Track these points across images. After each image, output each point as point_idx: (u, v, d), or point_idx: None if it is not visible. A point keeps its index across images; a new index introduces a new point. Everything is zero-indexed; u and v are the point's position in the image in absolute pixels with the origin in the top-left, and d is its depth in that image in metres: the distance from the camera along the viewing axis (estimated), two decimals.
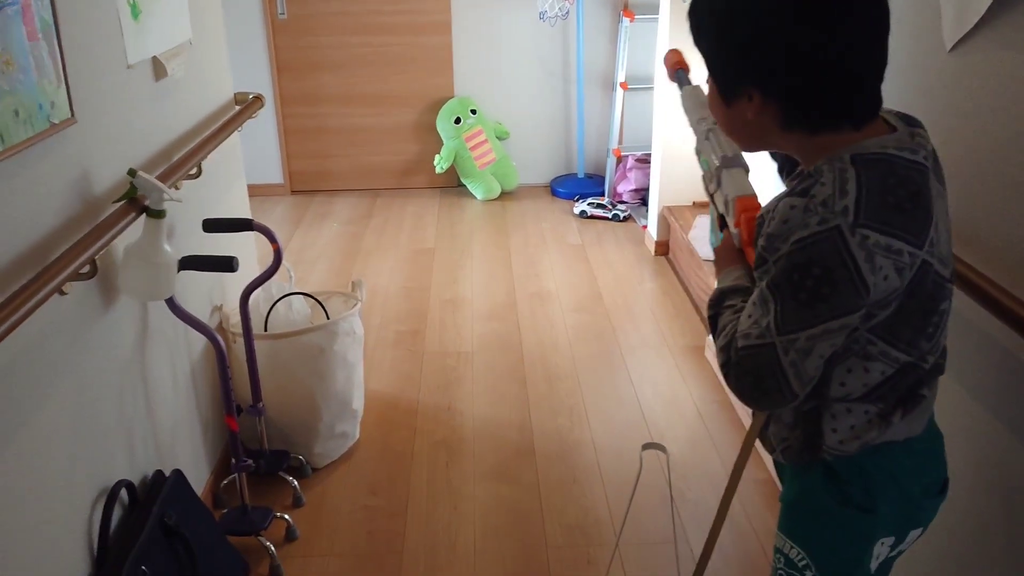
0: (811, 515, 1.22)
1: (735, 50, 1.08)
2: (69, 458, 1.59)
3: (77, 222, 1.61)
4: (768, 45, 1.04)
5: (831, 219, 0.98)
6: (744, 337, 1.06)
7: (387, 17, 4.84)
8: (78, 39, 1.62)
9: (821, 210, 0.98)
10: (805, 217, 0.99)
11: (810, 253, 0.99)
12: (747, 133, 1.15)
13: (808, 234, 0.99)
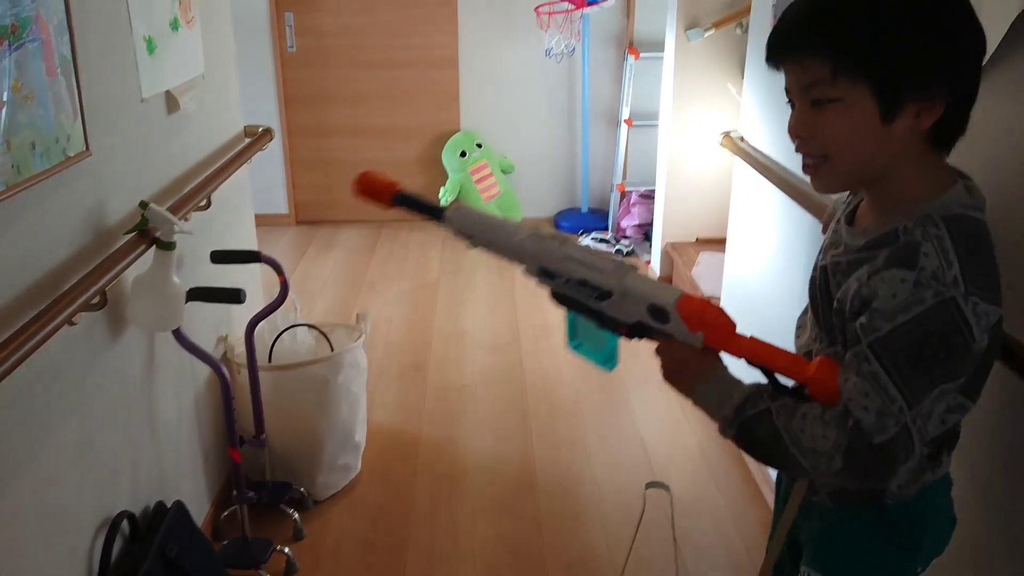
0: (856, 554, 1.21)
1: (934, 45, 1.00)
2: (75, 487, 1.59)
3: (89, 253, 1.63)
4: (964, 37, 1.02)
5: (945, 292, 0.98)
6: (880, 432, 1.00)
7: (395, 52, 4.91)
8: (95, 74, 1.65)
9: (934, 284, 0.98)
10: (917, 292, 0.98)
11: (927, 327, 0.98)
12: (875, 157, 1.06)
13: (925, 309, 0.98)
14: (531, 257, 1.15)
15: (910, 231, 1.02)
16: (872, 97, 1.01)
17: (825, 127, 1.04)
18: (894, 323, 0.98)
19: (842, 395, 1.02)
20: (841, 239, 1.17)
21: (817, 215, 2.01)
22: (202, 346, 2.06)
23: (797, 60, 1.04)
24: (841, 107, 1.02)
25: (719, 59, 3.79)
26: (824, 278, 1.16)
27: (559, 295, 1.15)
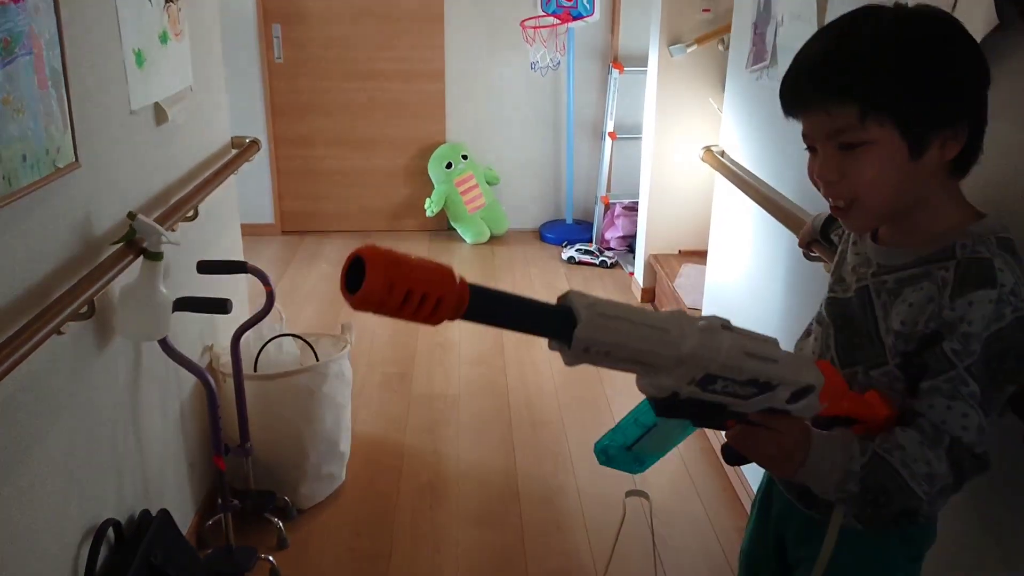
0: (878, 572, 1.24)
1: (953, 81, 1.04)
2: (62, 495, 1.61)
3: (77, 263, 1.65)
4: (976, 69, 1.07)
5: (1021, 307, 1.02)
6: (981, 444, 1.04)
7: (382, 64, 4.94)
8: (85, 86, 1.67)
9: (1013, 300, 1.02)
10: (999, 308, 1.02)
11: (1009, 342, 1.02)
12: (905, 193, 1.08)
13: (1005, 325, 1.02)
14: (699, 366, 0.84)
15: (970, 247, 1.06)
16: (900, 137, 1.03)
17: (856, 170, 1.06)
18: (980, 341, 1.02)
19: (928, 417, 1.04)
20: (869, 258, 1.19)
21: (794, 230, 2.05)
22: (188, 356, 2.07)
23: (823, 109, 1.05)
24: (872, 149, 1.04)
25: (701, 75, 3.85)
26: (865, 299, 1.17)
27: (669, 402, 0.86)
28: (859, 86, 1.03)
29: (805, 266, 2.07)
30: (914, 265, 1.11)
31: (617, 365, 0.81)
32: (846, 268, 1.25)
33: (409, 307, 0.67)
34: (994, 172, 1.37)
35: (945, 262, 1.07)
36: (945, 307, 1.04)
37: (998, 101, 1.35)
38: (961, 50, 1.06)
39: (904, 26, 1.04)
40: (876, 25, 1.04)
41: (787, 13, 2.20)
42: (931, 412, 1.04)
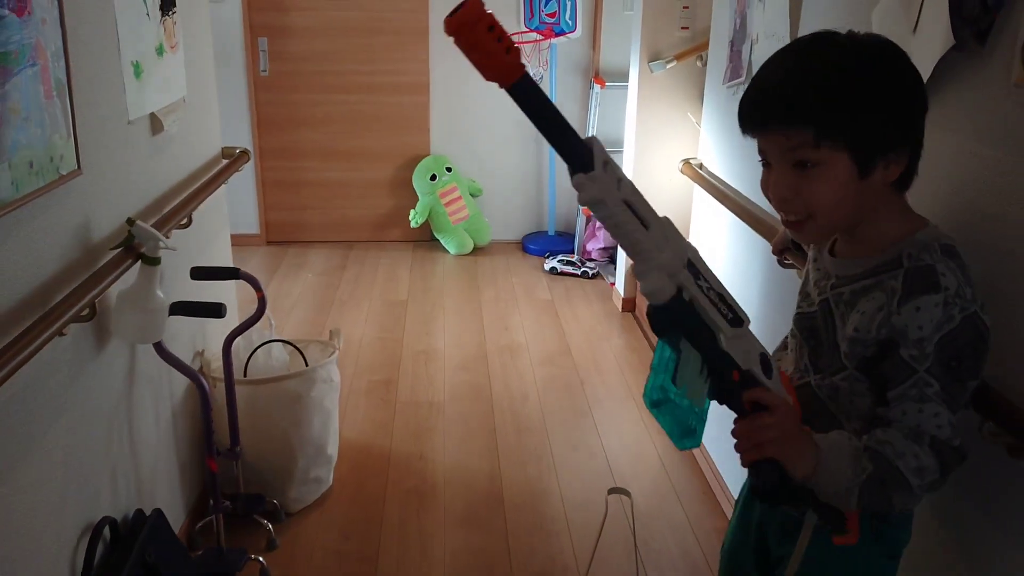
0: (853, 569, 1.29)
1: (899, 110, 1.12)
2: (60, 493, 1.65)
3: (78, 267, 1.70)
4: (918, 98, 1.14)
5: (969, 307, 1.09)
6: (956, 437, 1.10)
7: (366, 76, 5.01)
8: (86, 97, 1.73)
9: (959, 301, 1.09)
10: (947, 311, 1.08)
11: (962, 341, 1.09)
12: (854, 208, 1.15)
13: (956, 326, 1.08)
14: (678, 243, 0.96)
15: (915, 256, 1.13)
16: (850, 159, 1.10)
17: (809, 188, 1.12)
18: (933, 344, 1.09)
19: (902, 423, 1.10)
20: (828, 271, 1.27)
21: (768, 239, 2.13)
22: (181, 359, 2.12)
23: (781, 130, 1.11)
24: (823, 170, 1.11)
25: (680, 90, 3.95)
26: (827, 311, 1.25)
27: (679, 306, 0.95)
28: (817, 112, 1.09)
29: (779, 274, 2.16)
30: (867, 276, 1.18)
31: (620, 215, 0.90)
32: (809, 284, 1.33)
33: (491, 37, 0.81)
34: (948, 181, 1.46)
35: (894, 271, 1.14)
36: (894, 313, 1.11)
37: (954, 115, 1.44)
38: (908, 81, 1.14)
39: (859, 56, 1.11)
40: (833, 53, 1.11)
41: (762, 32, 2.30)
42: (905, 418, 1.11)
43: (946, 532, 1.47)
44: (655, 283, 0.94)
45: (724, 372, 1.00)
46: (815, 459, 1.09)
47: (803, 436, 1.10)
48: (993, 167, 1.34)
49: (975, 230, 1.39)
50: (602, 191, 0.88)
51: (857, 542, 1.25)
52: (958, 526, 1.44)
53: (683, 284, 0.95)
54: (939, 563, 1.49)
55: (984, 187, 1.36)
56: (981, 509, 1.38)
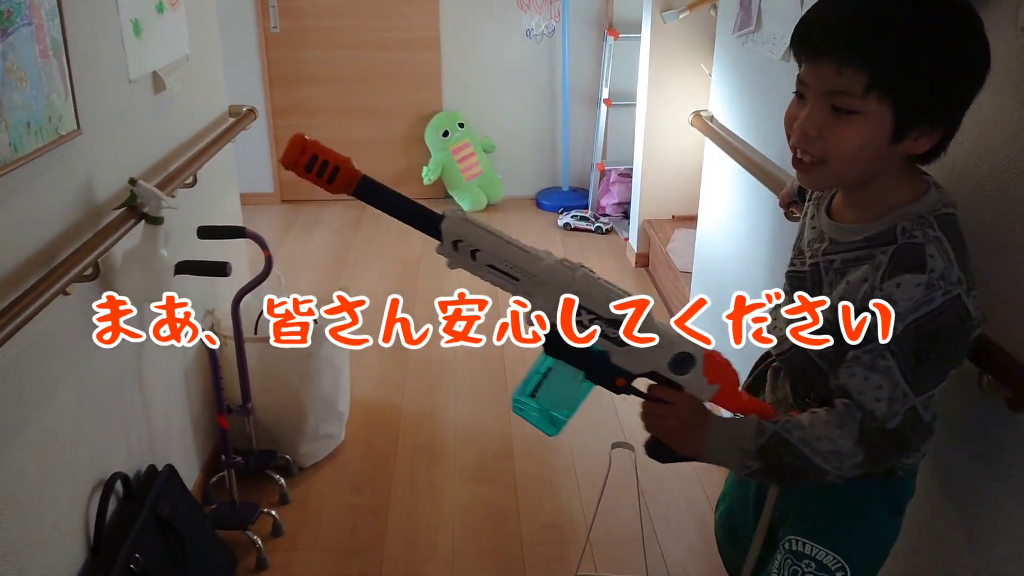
0: (862, 526, 1.29)
1: (959, 85, 1.06)
2: (72, 448, 1.69)
3: (80, 227, 1.71)
4: (981, 77, 1.07)
5: (952, 290, 1.06)
6: (891, 418, 1.09)
7: (377, 33, 4.96)
8: (84, 56, 1.72)
9: (943, 284, 1.06)
10: (929, 292, 1.05)
11: (939, 323, 1.06)
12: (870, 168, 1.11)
13: (934, 308, 1.05)
14: (555, 287, 1.04)
15: (909, 231, 1.09)
16: (891, 119, 1.05)
17: (837, 135, 1.07)
18: (906, 322, 1.06)
19: (845, 389, 1.10)
20: (824, 233, 1.23)
21: (777, 192, 2.11)
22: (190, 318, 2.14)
23: (836, 64, 1.04)
24: (861, 120, 1.05)
25: (694, 40, 3.88)
26: (816, 276, 1.23)
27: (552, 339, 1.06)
28: (881, 58, 1.02)
29: (788, 227, 2.13)
30: (860, 246, 1.15)
31: (487, 275, 1.05)
32: (803, 241, 1.30)
33: (315, 170, 1.02)
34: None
35: (885, 246, 1.11)
36: (876, 288, 1.09)
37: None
38: (978, 58, 1.07)
39: (944, 17, 1.04)
40: (917, 3, 1.04)
41: None
42: (851, 381, 1.10)
43: (944, 484, 1.47)
44: (529, 326, 1.08)
45: (609, 380, 1.11)
46: (703, 448, 1.16)
47: (696, 427, 1.15)
48: (997, 113, 1.31)
49: (980, 180, 1.36)
50: (456, 263, 1.05)
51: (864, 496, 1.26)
52: (957, 478, 1.44)
53: (555, 324, 1.06)
54: (936, 513, 1.49)
55: (989, 135, 1.33)
56: (979, 460, 1.38)
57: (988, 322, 1.25)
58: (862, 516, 1.29)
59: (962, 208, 1.19)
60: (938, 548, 1.50)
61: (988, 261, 1.31)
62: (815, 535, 1.30)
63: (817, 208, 1.29)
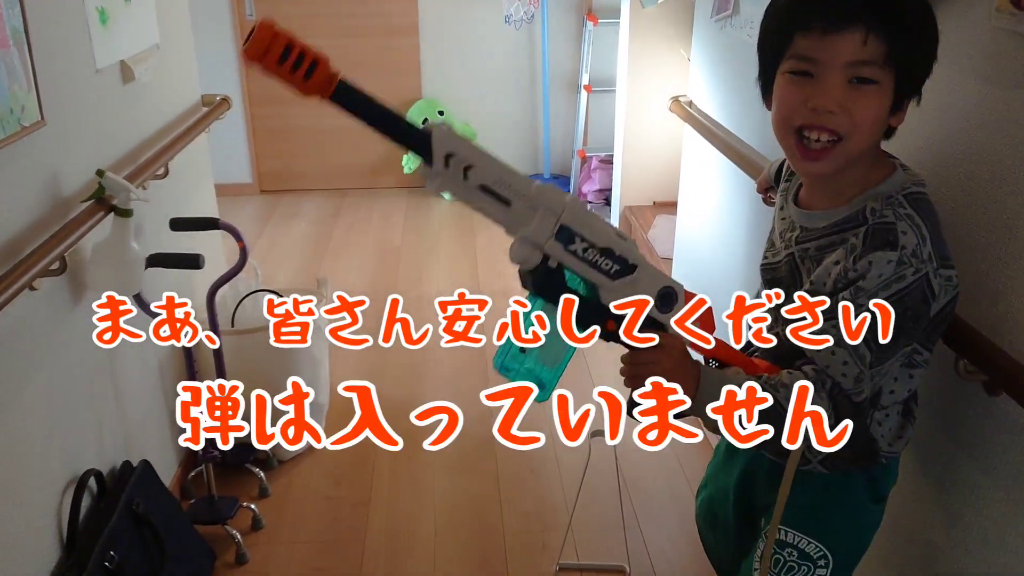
0: (844, 514, 1.29)
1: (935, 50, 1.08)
2: (42, 446, 1.66)
3: (47, 221, 1.67)
4: None
5: (923, 268, 1.06)
6: (858, 393, 1.10)
7: (355, 19, 4.91)
8: (48, 45, 1.68)
9: (914, 261, 1.05)
10: (899, 270, 1.05)
11: (906, 302, 1.06)
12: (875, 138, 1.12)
13: (904, 286, 1.05)
14: (550, 210, 0.94)
15: (879, 211, 1.09)
16: (894, 89, 1.05)
17: (861, 107, 1.04)
18: (876, 300, 1.05)
19: (816, 360, 1.10)
20: (794, 223, 1.23)
21: (755, 177, 2.10)
22: None
23: (863, 33, 1.01)
24: (877, 90, 1.04)
25: (673, 24, 3.85)
26: (793, 267, 1.22)
27: (543, 273, 0.96)
28: (903, 27, 1.01)
29: (766, 212, 2.12)
30: (832, 232, 1.15)
31: (477, 199, 0.92)
32: (775, 233, 1.30)
33: (288, 64, 0.82)
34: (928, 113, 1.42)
35: (856, 229, 1.11)
36: (850, 268, 1.09)
37: None
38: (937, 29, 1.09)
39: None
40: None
41: None
42: (818, 356, 1.10)
43: (923, 468, 1.47)
44: (519, 254, 0.96)
45: (600, 322, 1.02)
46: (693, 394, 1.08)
47: (681, 374, 1.07)
48: (972, 96, 1.30)
49: (954, 164, 1.35)
50: (444, 184, 0.90)
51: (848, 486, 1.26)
52: (935, 462, 1.44)
53: (549, 252, 0.95)
54: (916, 497, 1.49)
55: (964, 119, 1.32)
56: (957, 444, 1.38)
57: (964, 306, 1.25)
58: (845, 504, 1.29)
59: (934, 191, 1.18)
60: (917, 531, 1.50)
61: (960, 243, 1.31)
62: (798, 524, 1.30)
63: (785, 198, 1.28)
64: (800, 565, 1.31)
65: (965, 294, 1.27)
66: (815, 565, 1.30)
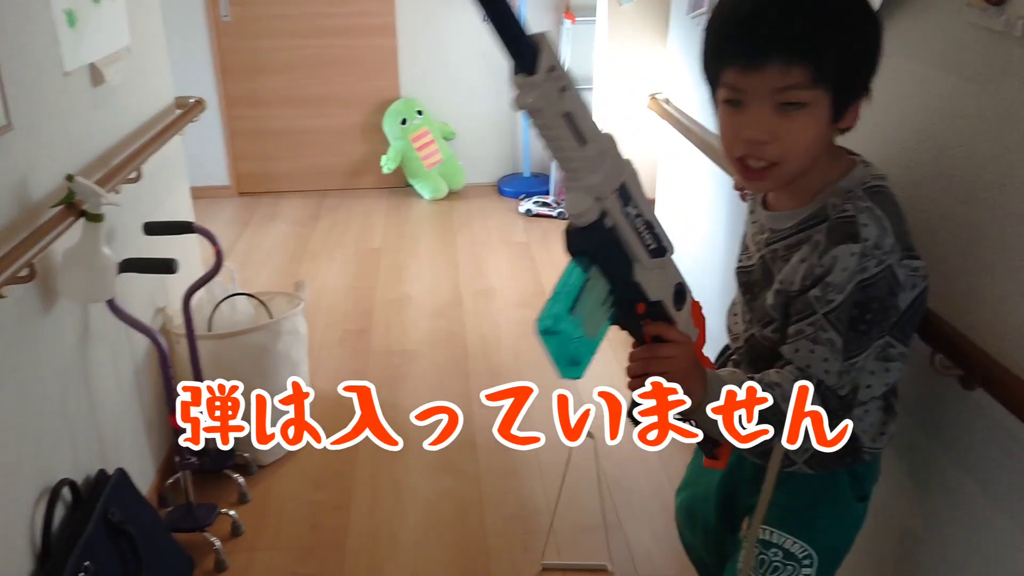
0: (829, 514, 1.30)
1: (876, 51, 1.08)
2: (13, 457, 1.63)
3: (15, 226, 1.64)
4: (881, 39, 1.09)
5: (886, 259, 1.06)
6: (842, 387, 1.11)
7: (331, 19, 4.88)
8: (13, 48, 1.65)
9: (877, 253, 1.06)
10: (863, 262, 1.05)
11: (870, 293, 1.07)
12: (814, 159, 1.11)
13: (869, 276, 1.06)
14: (616, 164, 0.92)
15: (839, 206, 1.10)
16: (830, 102, 1.05)
17: (792, 133, 1.05)
18: (844, 293, 1.06)
19: (795, 363, 1.10)
20: (763, 225, 1.24)
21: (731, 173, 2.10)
22: (140, 317, 2.08)
23: (782, 64, 1.01)
24: (807, 111, 1.04)
25: (650, 22, 3.86)
26: (766, 269, 1.23)
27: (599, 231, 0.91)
28: (824, 50, 1.02)
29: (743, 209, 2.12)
30: (797, 230, 1.16)
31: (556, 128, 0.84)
32: (748, 238, 1.31)
33: None
34: (902, 108, 1.42)
35: (819, 225, 1.12)
36: (816, 265, 1.10)
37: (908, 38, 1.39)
38: (877, 19, 1.10)
39: None
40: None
41: None
42: (797, 356, 1.11)
43: (901, 463, 1.47)
44: (580, 205, 0.89)
45: (630, 303, 0.99)
46: (700, 398, 1.08)
47: (693, 374, 1.08)
48: (946, 91, 1.30)
49: (927, 157, 1.35)
50: (540, 99, 0.81)
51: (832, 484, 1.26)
52: (913, 458, 1.44)
53: (608, 209, 0.90)
54: (895, 492, 1.49)
55: (936, 112, 1.32)
56: (935, 439, 1.38)
57: (939, 302, 1.25)
58: (830, 504, 1.29)
59: (909, 187, 1.18)
60: (897, 528, 1.50)
61: (935, 238, 1.31)
62: (782, 524, 1.30)
63: (755, 202, 1.29)
64: (785, 565, 1.31)
65: (941, 289, 1.27)
66: (800, 565, 1.30)
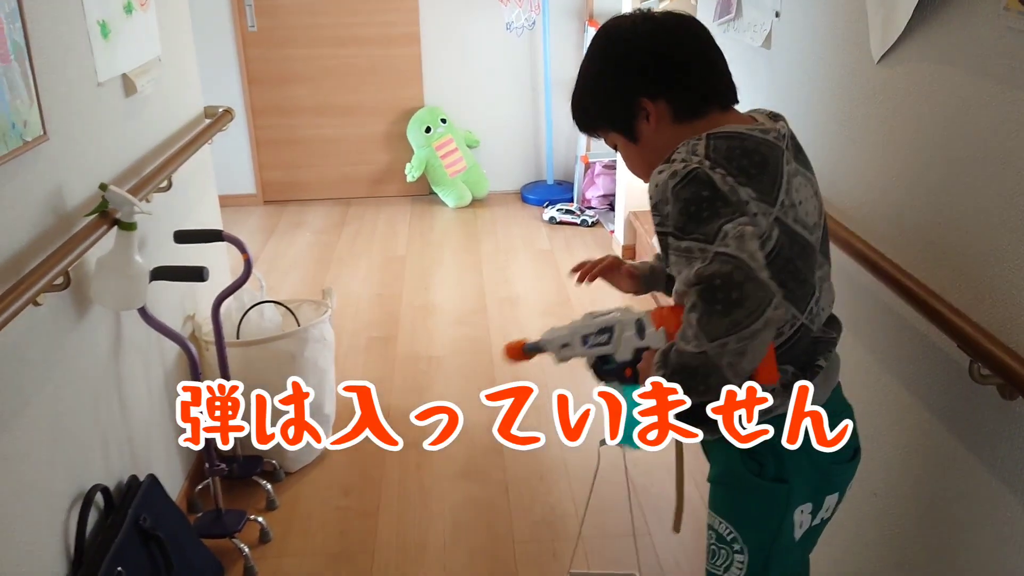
0: (733, 490, 1.32)
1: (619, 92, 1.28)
2: (48, 463, 1.65)
3: (50, 235, 1.67)
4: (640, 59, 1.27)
5: (691, 161, 1.14)
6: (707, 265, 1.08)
7: (357, 29, 4.91)
8: (49, 59, 1.68)
9: (683, 164, 1.14)
10: (671, 175, 1.14)
11: (690, 188, 1.12)
12: (654, 152, 1.26)
13: (681, 176, 1.13)
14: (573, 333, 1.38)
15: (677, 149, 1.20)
16: (620, 134, 1.31)
17: (625, 159, 1.37)
18: (669, 203, 1.14)
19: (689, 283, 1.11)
20: None
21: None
22: (170, 324, 2.10)
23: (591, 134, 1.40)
24: (621, 146, 1.34)
25: None
26: None
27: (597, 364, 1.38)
28: (585, 123, 1.37)
29: None
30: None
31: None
32: None
33: None
34: (940, 114, 1.40)
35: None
36: (652, 206, 1.20)
37: (943, 45, 1.38)
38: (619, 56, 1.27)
39: (593, 54, 1.32)
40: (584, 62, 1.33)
41: None
42: (680, 277, 1.13)
43: (939, 477, 1.45)
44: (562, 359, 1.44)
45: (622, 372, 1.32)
46: None
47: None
48: (983, 98, 1.28)
49: (970, 165, 1.34)
50: None
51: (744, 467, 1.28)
52: (952, 470, 1.42)
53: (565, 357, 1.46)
54: (930, 503, 1.47)
55: (972, 119, 1.31)
56: (974, 451, 1.36)
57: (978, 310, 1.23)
58: (731, 482, 1.32)
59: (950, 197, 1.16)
60: (935, 537, 1.48)
61: (977, 246, 1.29)
62: (713, 505, 1.36)
63: None
64: (719, 549, 1.34)
65: (980, 298, 1.25)
66: (731, 549, 1.32)
